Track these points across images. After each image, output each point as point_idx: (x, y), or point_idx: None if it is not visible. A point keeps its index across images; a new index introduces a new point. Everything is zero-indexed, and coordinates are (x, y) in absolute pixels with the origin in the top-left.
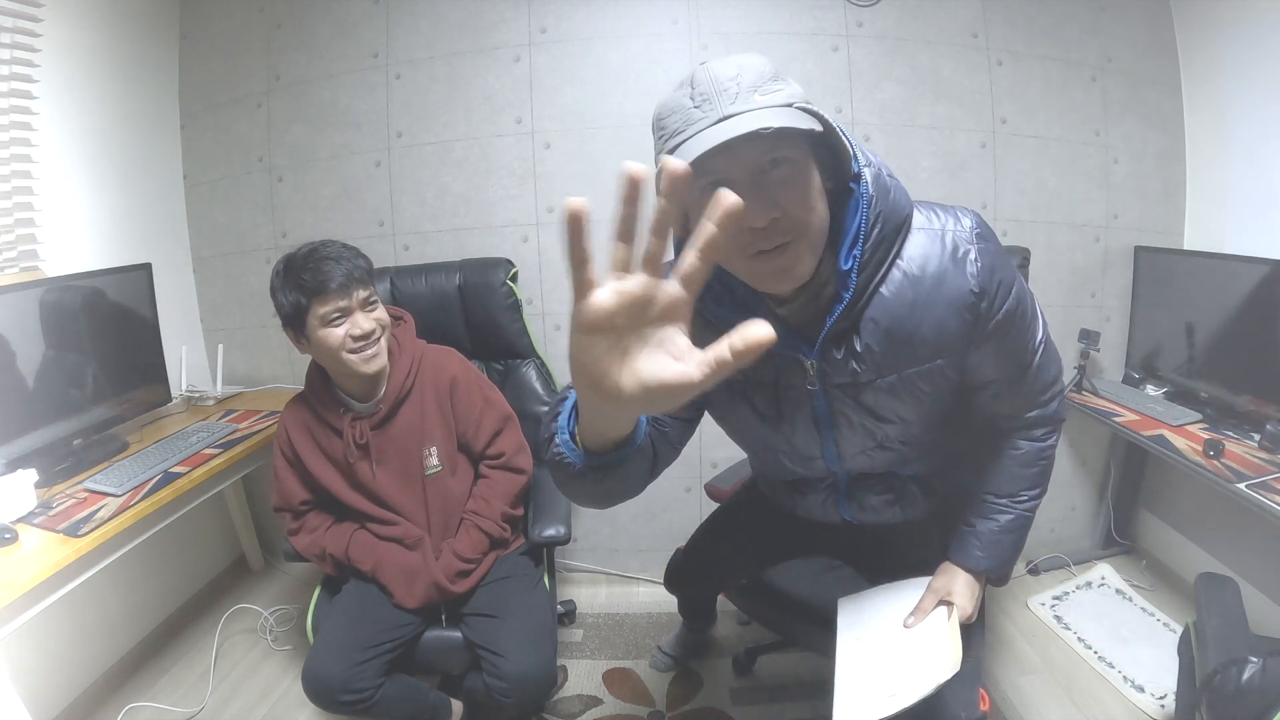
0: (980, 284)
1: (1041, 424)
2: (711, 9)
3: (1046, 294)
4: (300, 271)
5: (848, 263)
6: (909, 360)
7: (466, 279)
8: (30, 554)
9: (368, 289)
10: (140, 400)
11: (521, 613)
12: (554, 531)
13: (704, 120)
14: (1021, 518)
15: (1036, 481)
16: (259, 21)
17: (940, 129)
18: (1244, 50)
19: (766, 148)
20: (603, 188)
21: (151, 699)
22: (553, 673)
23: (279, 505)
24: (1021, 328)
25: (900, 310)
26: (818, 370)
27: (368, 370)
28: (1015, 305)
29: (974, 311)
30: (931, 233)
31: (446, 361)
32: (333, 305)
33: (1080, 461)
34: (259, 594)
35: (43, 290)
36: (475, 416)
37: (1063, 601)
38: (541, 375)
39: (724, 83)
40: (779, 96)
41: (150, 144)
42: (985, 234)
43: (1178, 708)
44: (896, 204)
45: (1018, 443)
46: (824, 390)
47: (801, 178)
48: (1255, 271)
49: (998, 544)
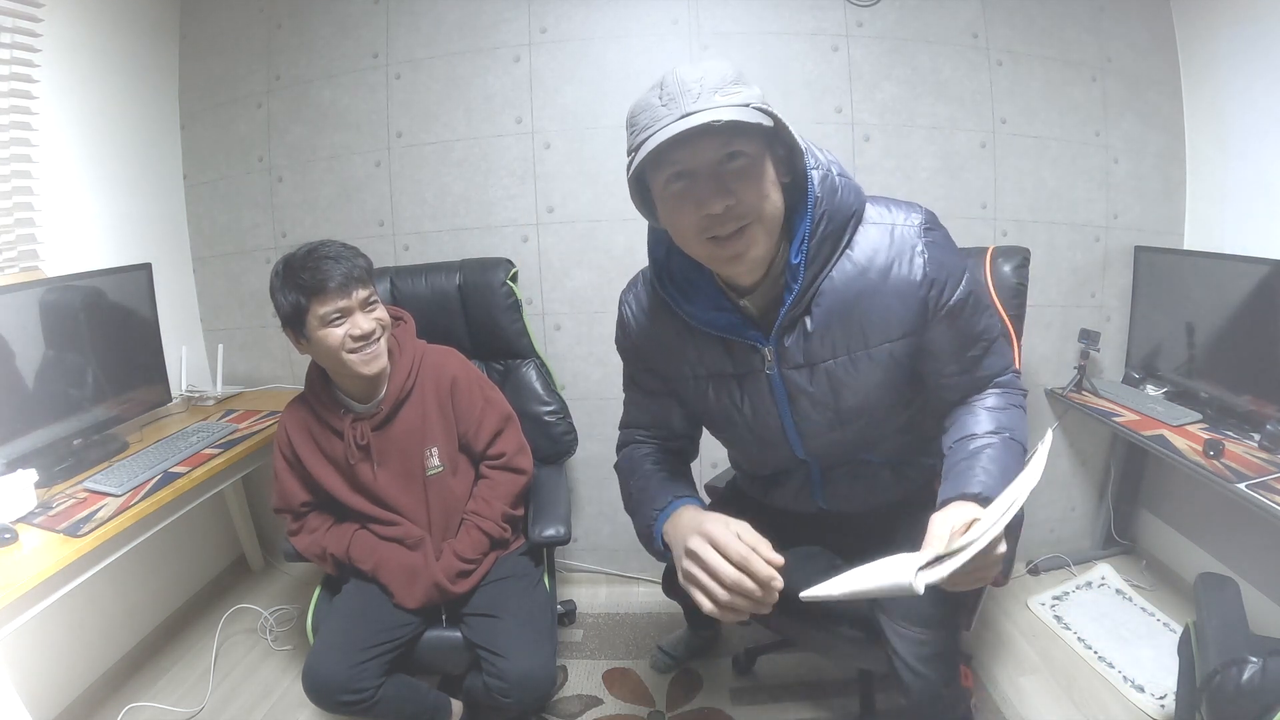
0: (928, 274)
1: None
2: (711, 9)
3: (1046, 294)
4: (299, 271)
5: (797, 257)
6: (858, 344)
7: (466, 279)
8: (30, 554)
9: (368, 289)
10: (140, 400)
11: (521, 613)
12: (554, 532)
13: (668, 117)
14: (1010, 446)
15: (1014, 422)
16: (259, 21)
17: (940, 129)
18: (1244, 50)
19: (723, 142)
20: (603, 188)
21: (151, 699)
22: (552, 673)
23: (279, 506)
24: (973, 316)
25: (849, 297)
26: (775, 354)
27: (367, 371)
28: (966, 295)
29: (922, 300)
30: (882, 227)
31: (447, 361)
32: (332, 305)
33: (1080, 461)
34: (259, 594)
35: (43, 290)
36: (476, 416)
37: (1063, 601)
38: (541, 375)
39: (689, 84)
40: (738, 98)
41: (150, 144)
42: (934, 227)
43: (1178, 708)
44: (843, 202)
45: (984, 395)
46: (780, 374)
47: (755, 169)
48: (1255, 271)
49: (994, 466)
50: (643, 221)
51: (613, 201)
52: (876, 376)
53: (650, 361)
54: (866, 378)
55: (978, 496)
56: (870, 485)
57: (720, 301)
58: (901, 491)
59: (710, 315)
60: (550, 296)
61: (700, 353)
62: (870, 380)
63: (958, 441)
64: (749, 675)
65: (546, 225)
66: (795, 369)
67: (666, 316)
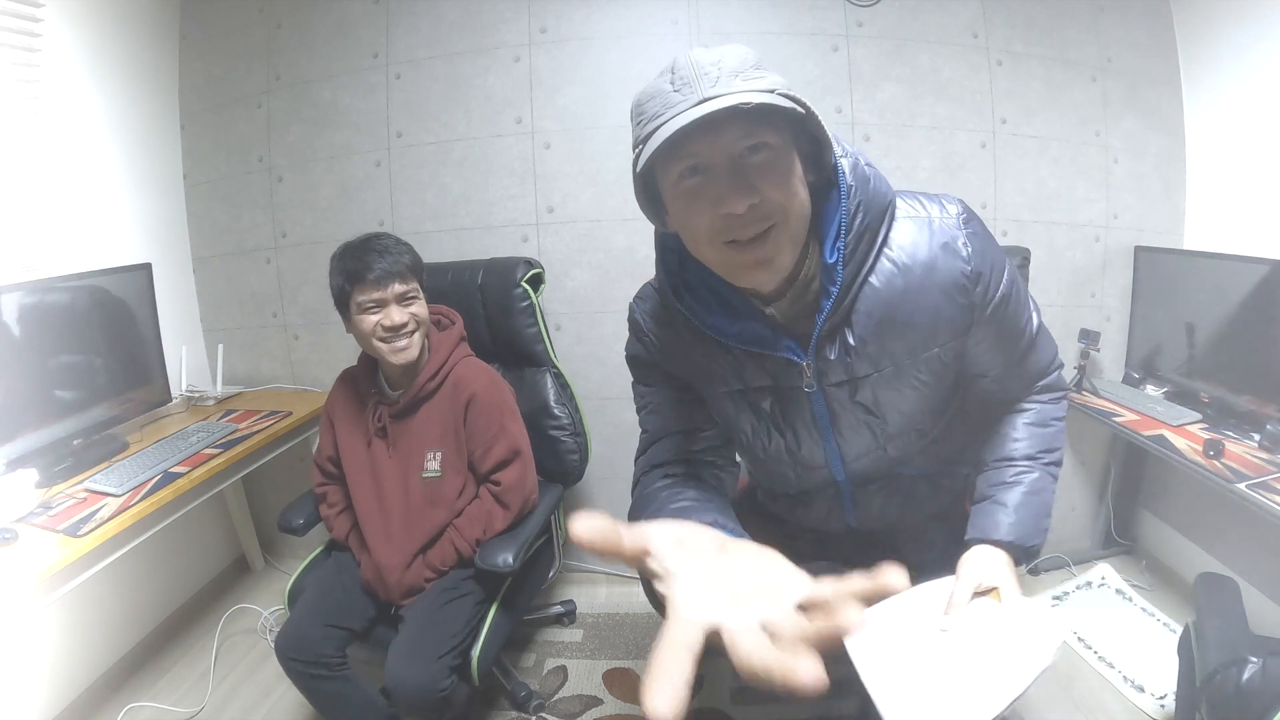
0: (974, 266)
1: (1048, 390)
2: (711, 9)
3: (1046, 294)
4: (348, 258)
5: (833, 256)
6: (905, 350)
7: (487, 279)
8: (30, 554)
9: (407, 284)
10: (140, 400)
11: (428, 623)
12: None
13: (683, 103)
14: (1045, 477)
15: (1053, 442)
16: (259, 21)
17: (940, 129)
18: (1244, 50)
19: (746, 132)
20: (603, 188)
21: (151, 699)
22: (436, 686)
23: (315, 459)
24: (1017, 310)
25: (892, 299)
26: (814, 370)
27: (395, 360)
28: (1009, 287)
29: (968, 294)
30: (919, 220)
31: (475, 378)
32: (369, 295)
33: (1080, 461)
34: (259, 594)
35: (42, 290)
36: (487, 440)
37: (1063, 601)
38: (557, 387)
39: (705, 67)
40: (761, 83)
41: (150, 144)
42: (972, 219)
43: (1178, 708)
44: (877, 192)
45: (1025, 406)
46: (821, 390)
47: (782, 163)
48: (1255, 271)
49: (1026, 507)
50: (643, 221)
51: (613, 201)
52: (924, 384)
53: (674, 373)
54: (913, 389)
55: (1010, 546)
56: (905, 500)
57: (749, 310)
58: (936, 505)
59: (739, 327)
60: (550, 296)
61: (731, 369)
62: (917, 390)
63: (995, 461)
64: None
65: (546, 225)
66: (837, 385)
67: (687, 332)
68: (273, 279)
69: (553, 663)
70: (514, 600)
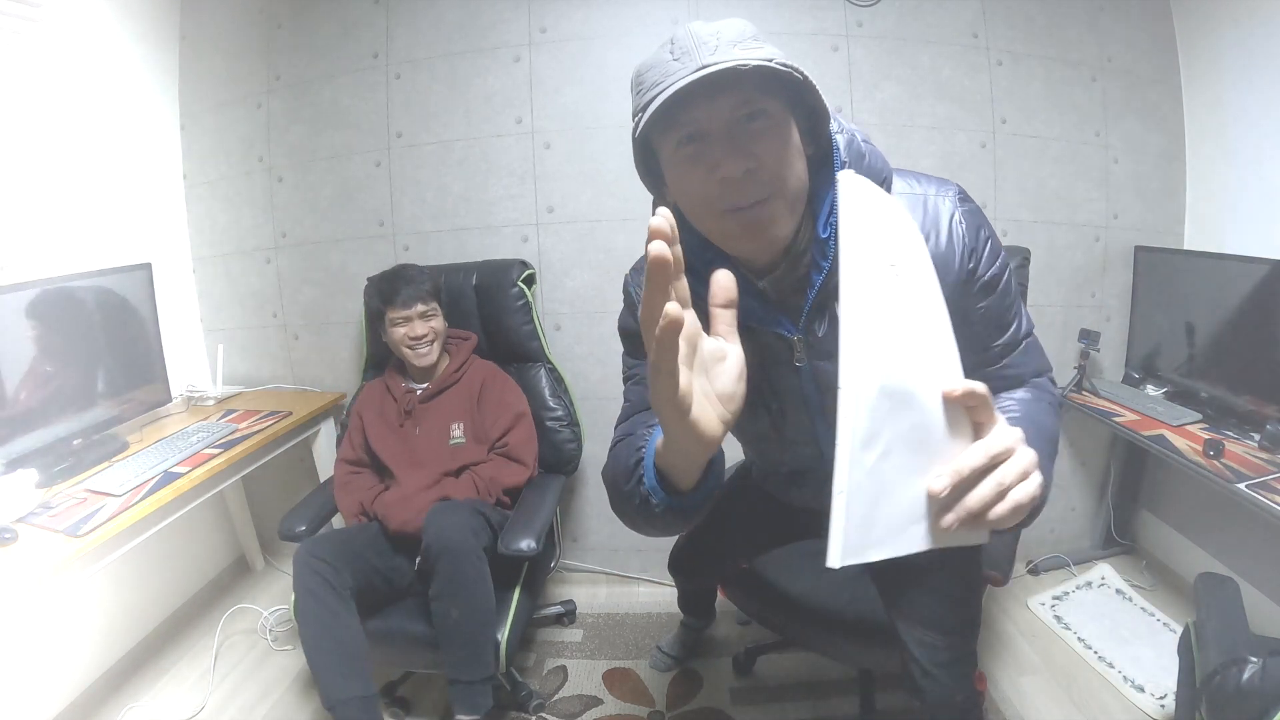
0: (966, 242)
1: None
2: (711, 9)
3: (1047, 294)
4: (383, 284)
5: (825, 230)
6: None
7: (481, 280)
8: (30, 554)
9: (427, 304)
10: (140, 400)
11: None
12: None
13: (682, 71)
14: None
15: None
16: (259, 21)
17: (940, 129)
18: (1244, 50)
19: (743, 99)
20: (603, 188)
21: (151, 699)
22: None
23: (342, 455)
24: (1004, 302)
25: None
26: (804, 345)
27: (417, 363)
28: (1001, 273)
29: (962, 270)
30: (914, 197)
31: (483, 373)
32: (398, 313)
33: (1080, 461)
34: (259, 594)
35: (42, 290)
36: (494, 413)
37: (1063, 601)
38: (551, 381)
39: (704, 38)
40: (760, 53)
41: (150, 144)
42: (968, 200)
43: (1178, 708)
44: (872, 168)
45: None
46: (810, 366)
47: (779, 131)
48: (1255, 271)
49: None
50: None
51: (613, 201)
52: None
53: None
54: None
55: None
56: None
57: (743, 284)
58: None
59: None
60: (550, 296)
61: None
62: None
63: None
64: (749, 675)
65: (546, 225)
66: (827, 359)
67: None
68: (273, 279)
69: (553, 663)
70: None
